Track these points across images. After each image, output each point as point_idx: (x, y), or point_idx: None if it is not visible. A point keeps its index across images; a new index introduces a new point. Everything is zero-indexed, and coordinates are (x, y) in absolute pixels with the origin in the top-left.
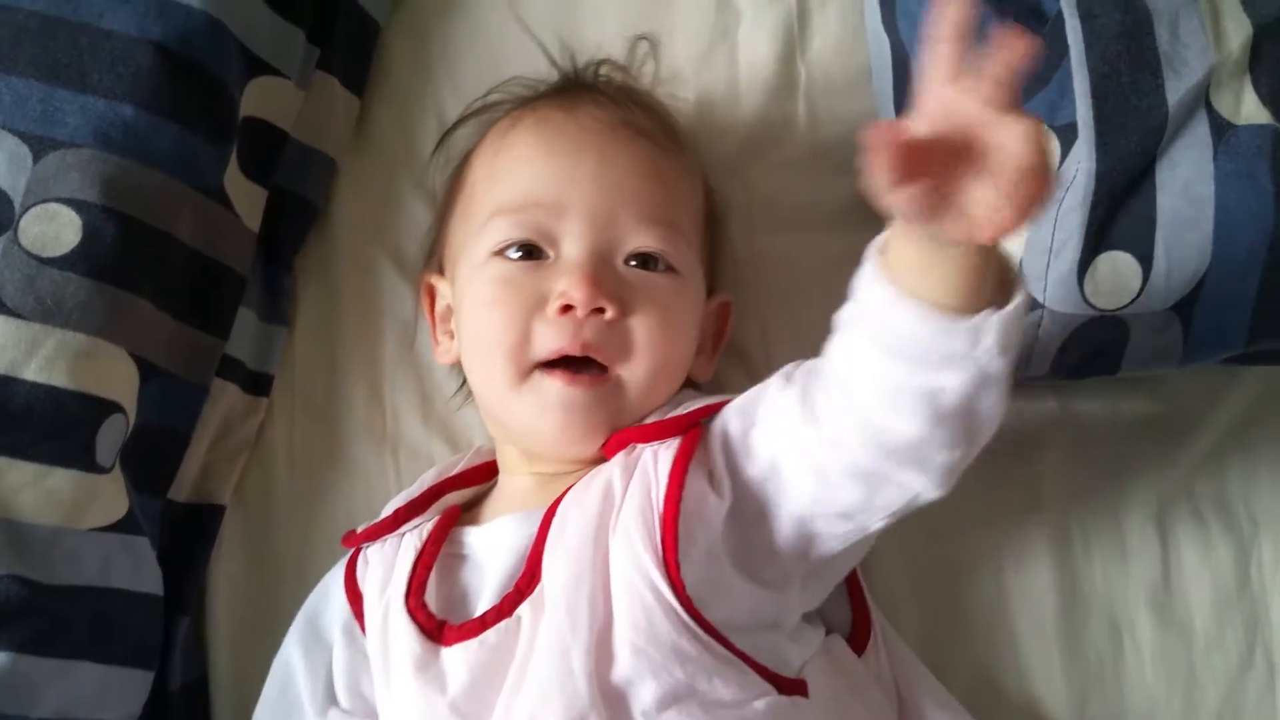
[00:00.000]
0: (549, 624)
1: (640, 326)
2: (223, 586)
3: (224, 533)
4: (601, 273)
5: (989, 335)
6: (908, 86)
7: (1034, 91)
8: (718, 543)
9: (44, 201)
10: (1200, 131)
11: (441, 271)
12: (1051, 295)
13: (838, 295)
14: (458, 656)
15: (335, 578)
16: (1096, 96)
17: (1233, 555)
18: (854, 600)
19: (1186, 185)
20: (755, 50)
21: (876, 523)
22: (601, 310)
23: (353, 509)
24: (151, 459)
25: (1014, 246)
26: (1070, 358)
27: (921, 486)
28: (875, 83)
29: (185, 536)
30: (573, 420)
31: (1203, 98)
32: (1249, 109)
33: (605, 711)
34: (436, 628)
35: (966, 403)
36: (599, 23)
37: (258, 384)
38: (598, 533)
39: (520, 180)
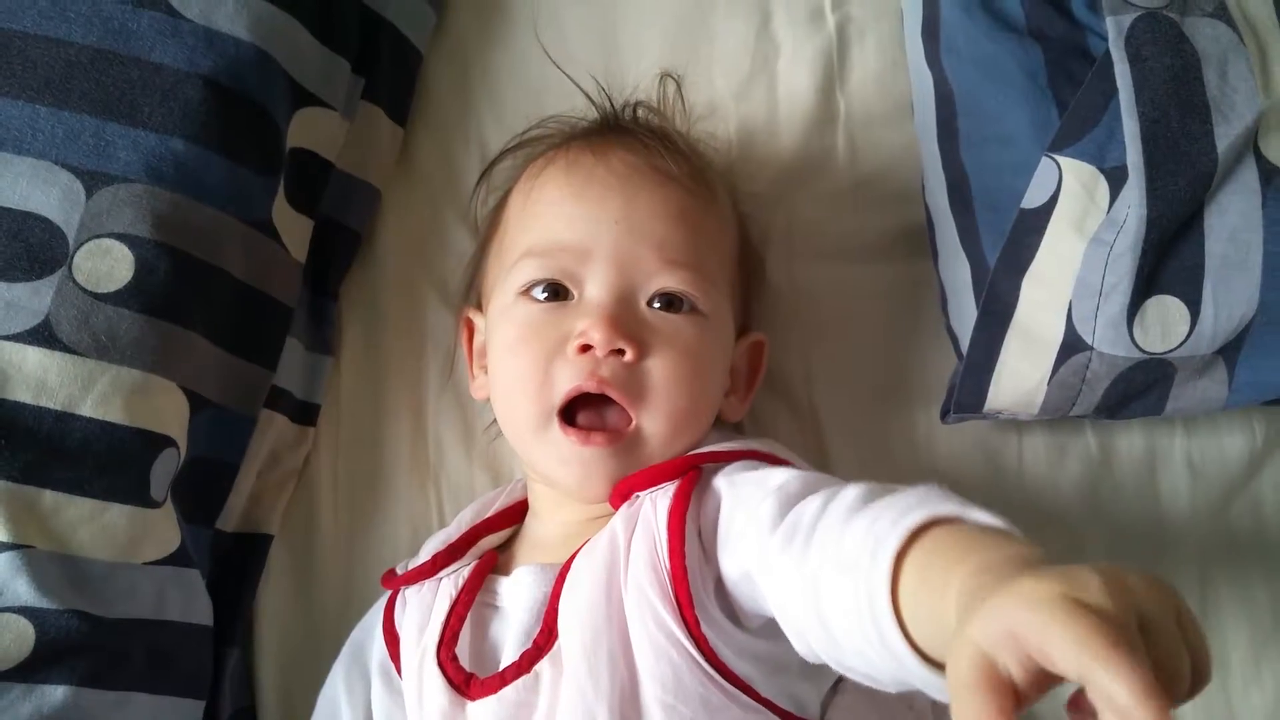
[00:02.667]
0: (570, 683)
1: (659, 368)
2: (270, 615)
3: (270, 562)
4: (621, 314)
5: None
6: (952, 122)
7: (1083, 133)
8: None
9: (97, 237)
10: (1248, 177)
11: (479, 306)
12: (1100, 337)
13: (878, 326)
14: (481, 712)
15: (377, 615)
16: (1146, 141)
17: (1270, 594)
18: None
19: (1234, 231)
20: (795, 82)
21: None
22: (621, 351)
23: (396, 539)
24: (201, 490)
25: (1064, 288)
26: (1115, 398)
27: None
28: (917, 117)
29: (234, 566)
30: (591, 474)
31: (1251, 143)
32: None
33: None
34: (464, 681)
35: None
36: (639, 54)
37: (305, 414)
38: (609, 589)
39: (548, 223)
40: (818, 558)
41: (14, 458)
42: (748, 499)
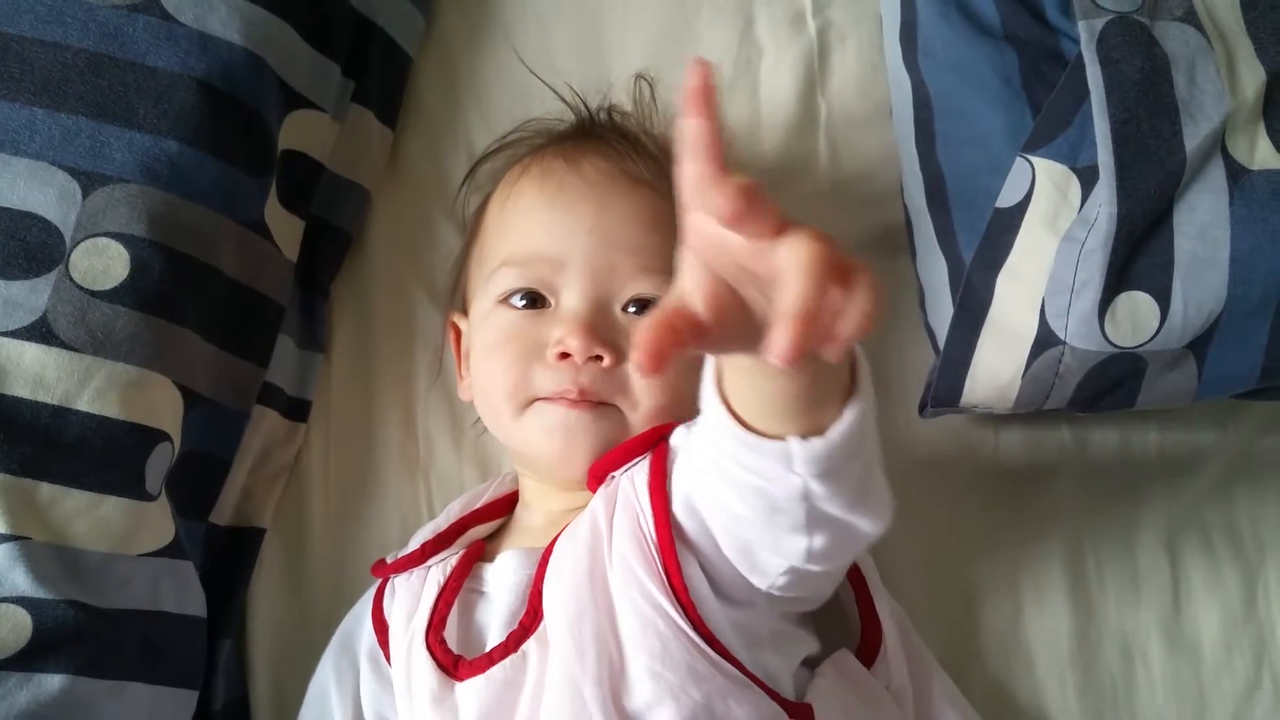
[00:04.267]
0: (556, 660)
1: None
2: (262, 608)
3: (263, 555)
4: (597, 321)
5: (801, 463)
6: (930, 124)
7: (1056, 134)
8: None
9: (93, 236)
10: (1216, 176)
11: (465, 310)
12: (1072, 332)
13: None
14: (469, 691)
15: (366, 604)
16: (1117, 142)
17: (1240, 581)
18: (864, 613)
19: (1203, 229)
20: (777, 85)
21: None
22: (599, 358)
23: (386, 533)
24: (195, 484)
25: (1037, 285)
26: (1088, 392)
27: (794, 560)
28: (896, 120)
29: (226, 559)
30: (575, 441)
31: (1219, 144)
32: (1263, 155)
33: None
34: (453, 663)
35: (800, 505)
36: (623, 58)
37: (297, 410)
38: (592, 567)
39: (523, 233)
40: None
41: (12, 451)
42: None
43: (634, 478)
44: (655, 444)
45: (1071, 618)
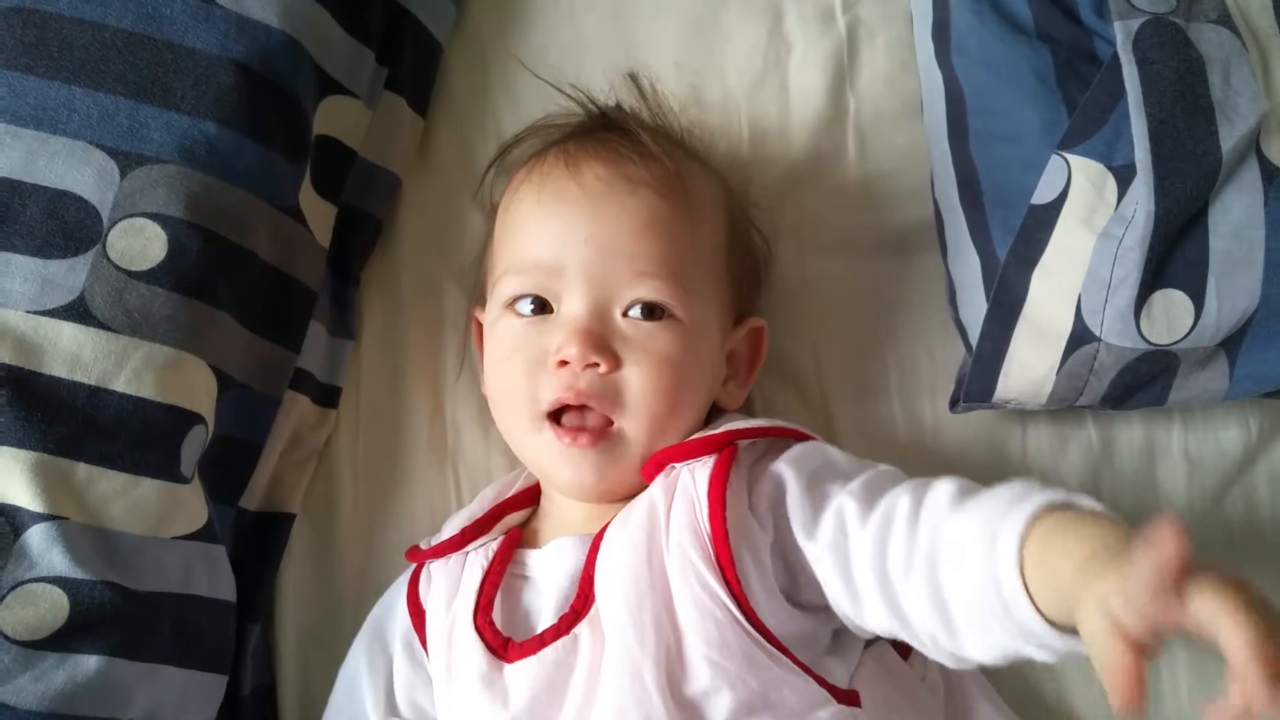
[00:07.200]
0: (615, 643)
1: (636, 377)
2: (290, 593)
3: (292, 541)
4: (595, 328)
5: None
6: (963, 121)
7: (1091, 132)
8: (764, 564)
9: (131, 216)
10: (1251, 177)
11: (485, 305)
12: (1108, 329)
13: (886, 318)
14: (520, 673)
15: (399, 590)
16: (1155, 141)
17: (1262, 580)
18: None
19: (1238, 228)
20: (806, 81)
21: None
22: (596, 364)
23: (414, 520)
24: (226, 468)
25: (1073, 282)
26: (1120, 389)
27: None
28: (927, 116)
29: (256, 544)
30: (581, 473)
31: (1253, 144)
32: None
33: None
34: (502, 645)
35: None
36: (653, 53)
37: (327, 396)
38: (650, 554)
39: (524, 241)
40: (925, 551)
41: (50, 431)
42: (823, 495)
43: (695, 472)
44: (722, 446)
45: None
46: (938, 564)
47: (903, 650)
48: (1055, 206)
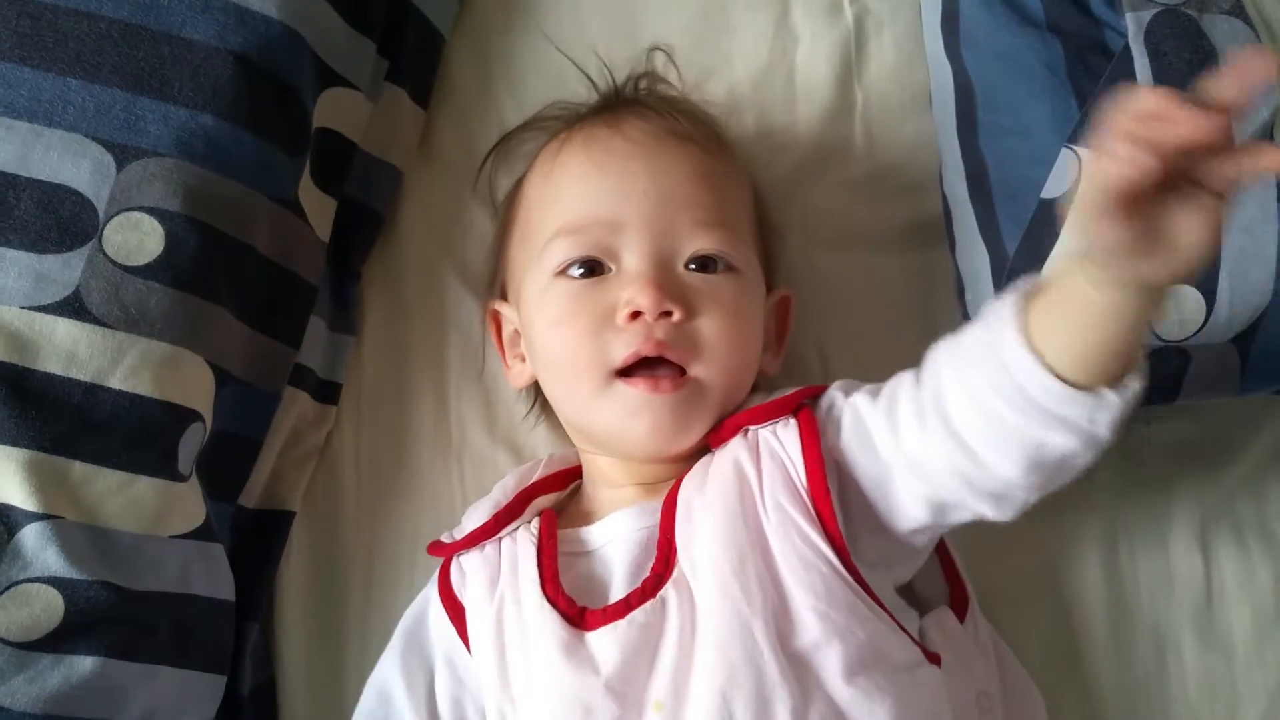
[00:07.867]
0: (716, 602)
1: (708, 326)
2: (291, 592)
3: (292, 539)
4: (665, 278)
5: (1106, 412)
6: (972, 113)
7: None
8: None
9: (127, 210)
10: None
11: (504, 296)
12: None
13: (892, 312)
14: (606, 638)
15: (430, 592)
16: None
17: (1272, 576)
18: (947, 570)
19: (1250, 223)
20: (813, 73)
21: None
22: (669, 313)
23: (417, 518)
24: (224, 465)
25: None
26: None
27: (993, 515)
28: (935, 109)
29: (255, 542)
30: (662, 422)
31: (1267, 137)
32: None
33: (794, 682)
34: (578, 614)
35: (1065, 459)
36: (659, 41)
37: (327, 392)
38: (744, 512)
39: (575, 199)
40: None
41: (44, 428)
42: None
43: (778, 432)
44: (797, 408)
45: (1107, 613)
46: (943, 368)
47: (958, 614)
48: (1065, 200)
